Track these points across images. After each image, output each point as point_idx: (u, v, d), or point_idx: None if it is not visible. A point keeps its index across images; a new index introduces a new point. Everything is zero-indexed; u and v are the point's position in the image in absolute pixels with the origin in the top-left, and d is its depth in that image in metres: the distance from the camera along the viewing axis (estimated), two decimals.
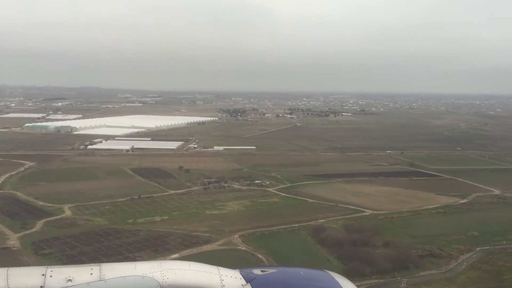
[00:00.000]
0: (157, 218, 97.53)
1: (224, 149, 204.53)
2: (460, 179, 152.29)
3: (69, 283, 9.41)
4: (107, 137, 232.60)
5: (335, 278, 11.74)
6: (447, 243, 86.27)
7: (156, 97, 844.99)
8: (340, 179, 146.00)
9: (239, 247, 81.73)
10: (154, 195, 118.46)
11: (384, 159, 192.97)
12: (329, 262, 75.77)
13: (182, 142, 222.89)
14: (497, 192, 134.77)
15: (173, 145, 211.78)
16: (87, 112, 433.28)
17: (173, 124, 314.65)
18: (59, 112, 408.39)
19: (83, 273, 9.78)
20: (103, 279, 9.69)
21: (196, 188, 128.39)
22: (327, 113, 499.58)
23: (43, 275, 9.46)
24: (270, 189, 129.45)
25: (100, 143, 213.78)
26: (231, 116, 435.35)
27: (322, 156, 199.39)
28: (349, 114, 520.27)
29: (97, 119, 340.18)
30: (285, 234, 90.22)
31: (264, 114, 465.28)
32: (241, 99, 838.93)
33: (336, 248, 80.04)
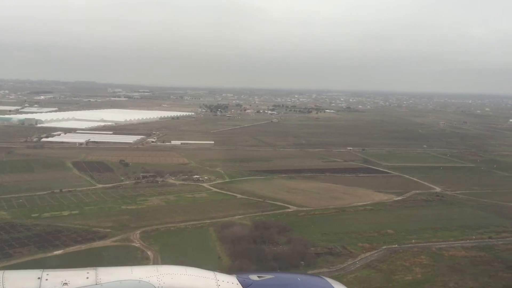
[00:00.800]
0: (65, 213, 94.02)
1: (181, 143, 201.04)
2: (407, 176, 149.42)
3: (65, 287, 9.38)
4: (69, 130, 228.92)
5: (332, 284, 11.79)
6: (355, 241, 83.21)
7: (147, 92, 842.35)
8: (284, 175, 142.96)
9: (132, 244, 78.43)
10: (78, 189, 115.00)
11: (342, 155, 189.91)
12: (220, 259, 72.74)
13: (142, 136, 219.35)
14: (438, 190, 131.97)
15: (131, 139, 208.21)
16: (66, 105, 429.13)
17: (145, 118, 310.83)
18: (36, 105, 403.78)
19: (79, 276, 9.78)
20: (99, 283, 9.67)
21: (127, 182, 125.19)
22: (310, 109, 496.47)
23: (38, 278, 9.45)
24: (204, 184, 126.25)
25: (58, 136, 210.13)
26: (211, 111, 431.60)
27: (280, 152, 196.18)
28: (332, 111, 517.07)
29: (69, 112, 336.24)
30: (191, 231, 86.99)
31: (245, 110, 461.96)
32: (232, 95, 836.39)
33: (233, 245, 76.95)
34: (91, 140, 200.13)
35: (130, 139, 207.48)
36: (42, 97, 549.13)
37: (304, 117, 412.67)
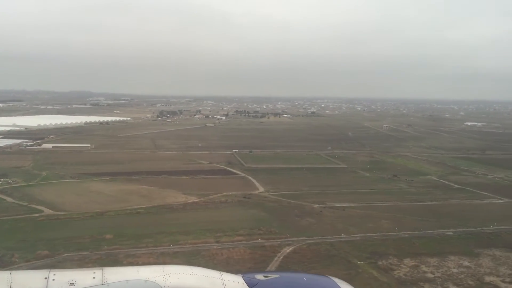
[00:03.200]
0: None
1: (52, 146, 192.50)
2: (250, 178, 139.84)
3: (72, 287, 9.43)
4: None
5: (338, 284, 11.76)
6: (43, 248, 73.24)
7: (126, 100, 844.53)
8: (108, 178, 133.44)
9: None
10: None
11: (216, 157, 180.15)
12: None
13: (24, 140, 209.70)
14: (261, 190, 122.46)
15: (5, 142, 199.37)
16: (8, 112, 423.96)
17: (65, 123, 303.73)
18: None
19: (86, 276, 9.81)
20: (105, 282, 9.71)
21: None
22: (264, 115, 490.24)
23: (45, 278, 9.52)
24: None
25: None
26: (157, 116, 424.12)
27: (155, 155, 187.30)
28: (289, 116, 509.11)
29: None
30: None
31: (194, 115, 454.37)
32: (213, 102, 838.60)
33: None
34: None
35: (4, 142, 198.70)
36: (0, 104, 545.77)
37: (249, 122, 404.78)
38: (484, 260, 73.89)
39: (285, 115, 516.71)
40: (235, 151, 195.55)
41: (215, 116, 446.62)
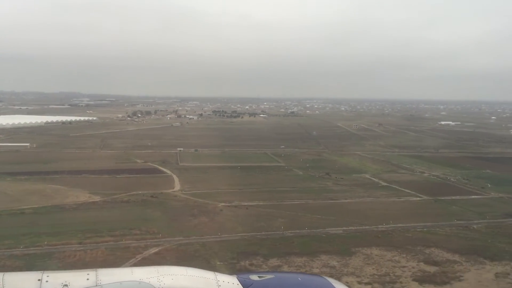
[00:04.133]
0: None
1: None
2: (174, 176, 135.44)
3: None
4: None
5: (333, 283, 11.92)
6: None
7: (111, 100, 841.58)
8: (24, 177, 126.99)
9: None
10: None
11: (155, 156, 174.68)
12: None
13: None
14: (174, 190, 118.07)
15: None
16: None
17: (24, 122, 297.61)
18: None
19: (79, 278, 9.75)
20: (99, 284, 9.60)
21: None
22: (240, 114, 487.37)
23: (39, 280, 9.43)
24: None
25: None
26: (128, 116, 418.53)
27: (91, 154, 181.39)
28: (264, 116, 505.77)
29: None
30: None
31: (167, 115, 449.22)
32: (197, 102, 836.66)
33: None
34: None
35: None
36: None
37: (219, 121, 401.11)
38: (355, 260, 70.10)
39: (262, 115, 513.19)
40: (180, 150, 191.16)
41: (187, 116, 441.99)
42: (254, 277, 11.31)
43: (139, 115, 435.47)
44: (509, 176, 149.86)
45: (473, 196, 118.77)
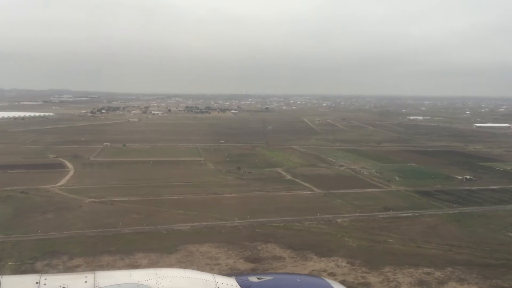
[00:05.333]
0: None
1: None
2: (72, 171, 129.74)
3: None
4: None
5: (331, 284, 12.03)
6: None
7: (93, 97, 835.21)
8: None
9: None
10: None
11: (71, 151, 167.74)
12: None
13: None
14: (56, 185, 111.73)
15: None
16: None
17: None
18: None
19: (78, 281, 9.72)
20: (97, 286, 9.55)
21: None
22: (208, 110, 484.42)
23: (37, 283, 9.38)
24: None
25: None
26: (91, 112, 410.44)
27: (6, 148, 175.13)
28: (235, 111, 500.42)
29: None
30: None
31: (131, 111, 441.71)
32: (180, 99, 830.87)
33: None
34: None
35: None
36: None
37: (181, 117, 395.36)
38: (171, 257, 64.13)
39: (232, 111, 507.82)
40: (106, 145, 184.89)
41: (153, 112, 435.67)
42: (253, 279, 11.35)
43: (103, 111, 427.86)
44: (429, 169, 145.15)
45: (369, 189, 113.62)
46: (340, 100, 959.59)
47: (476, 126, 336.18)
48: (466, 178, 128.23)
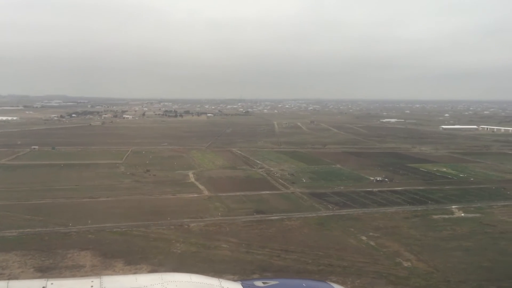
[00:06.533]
0: None
1: None
2: None
3: None
4: None
5: None
6: None
7: (84, 102, 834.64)
8: None
9: None
10: None
11: None
12: None
13: None
14: None
15: None
16: None
17: None
18: None
19: (84, 285, 9.74)
20: None
21: None
22: (182, 114, 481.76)
23: (43, 287, 9.35)
24: None
25: None
26: (60, 117, 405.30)
27: None
28: (210, 115, 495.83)
29: None
30: None
31: (101, 116, 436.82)
32: (169, 103, 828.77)
33: None
34: None
35: None
36: None
37: (151, 121, 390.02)
38: None
39: (209, 114, 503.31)
40: (34, 148, 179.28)
41: (124, 116, 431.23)
42: (259, 283, 11.32)
43: (74, 115, 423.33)
44: (350, 171, 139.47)
45: (264, 192, 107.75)
46: (330, 104, 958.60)
47: (442, 128, 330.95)
48: (376, 179, 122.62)
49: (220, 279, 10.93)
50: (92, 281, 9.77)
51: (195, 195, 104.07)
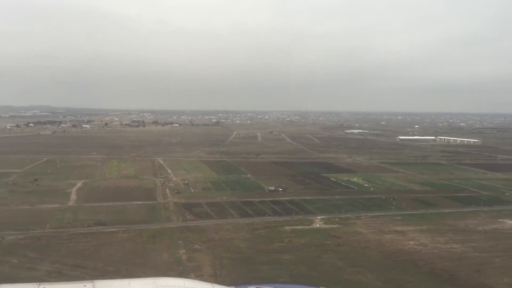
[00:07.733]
0: None
1: None
2: None
3: None
4: None
5: None
6: None
7: (59, 112, 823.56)
8: None
9: None
10: None
11: None
12: None
13: None
14: None
15: None
16: None
17: None
18: None
19: None
20: None
21: None
22: (147, 124, 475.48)
23: None
24: None
25: None
26: (16, 126, 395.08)
27: None
28: (176, 125, 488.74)
29: None
30: None
31: (60, 125, 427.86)
32: (149, 114, 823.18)
33: None
34: None
35: None
36: None
37: (108, 130, 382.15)
38: None
39: (175, 124, 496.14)
40: None
41: (83, 126, 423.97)
42: None
43: (31, 124, 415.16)
44: (255, 181, 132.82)
45: (136, 202, 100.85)
46: (313, 115, 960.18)
47: (399, 139, 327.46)
48: (269, 189, 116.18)
49: (214, 284, 10.82)
50: (84, 286, 9.61)
51: (55, 206, 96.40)
